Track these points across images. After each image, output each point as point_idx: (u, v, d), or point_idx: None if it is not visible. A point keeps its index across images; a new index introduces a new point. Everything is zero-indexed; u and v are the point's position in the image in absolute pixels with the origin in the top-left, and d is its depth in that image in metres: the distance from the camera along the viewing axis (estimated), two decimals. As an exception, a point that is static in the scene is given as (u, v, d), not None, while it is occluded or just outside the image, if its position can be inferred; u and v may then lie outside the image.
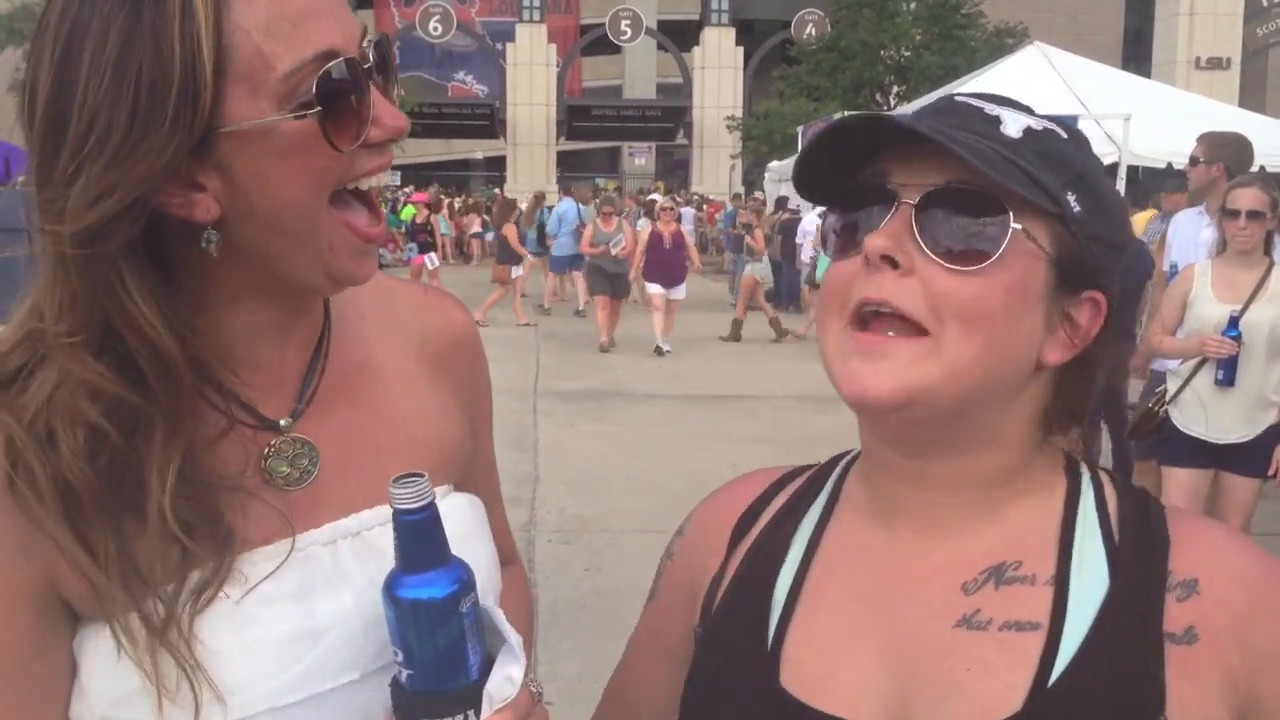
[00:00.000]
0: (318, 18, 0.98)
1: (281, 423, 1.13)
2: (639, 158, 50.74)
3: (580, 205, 18.85)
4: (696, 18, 48.47)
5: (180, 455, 1.02)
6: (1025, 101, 1.06)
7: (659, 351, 14.39)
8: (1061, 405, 1.04)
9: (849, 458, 1.17)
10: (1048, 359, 1.00)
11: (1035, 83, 20.08)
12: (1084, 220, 0.98)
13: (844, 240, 1.02)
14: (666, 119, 46.08)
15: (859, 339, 0.97)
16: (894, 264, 0.95)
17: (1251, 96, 35.18)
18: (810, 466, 1.21)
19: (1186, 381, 5.12)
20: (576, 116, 43.71)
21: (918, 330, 0.95)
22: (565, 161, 46.28)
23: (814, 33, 40.04)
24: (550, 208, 20.41)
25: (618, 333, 15.36)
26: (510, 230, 17.52)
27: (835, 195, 1.04)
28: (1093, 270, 1.00)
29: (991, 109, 1.01)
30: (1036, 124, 1.00)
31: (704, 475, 9.30)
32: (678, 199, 27.11)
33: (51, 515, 1.00)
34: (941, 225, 0.95)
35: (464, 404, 1.30)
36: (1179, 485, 5.07)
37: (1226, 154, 6.01)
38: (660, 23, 48.50)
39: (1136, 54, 44.94)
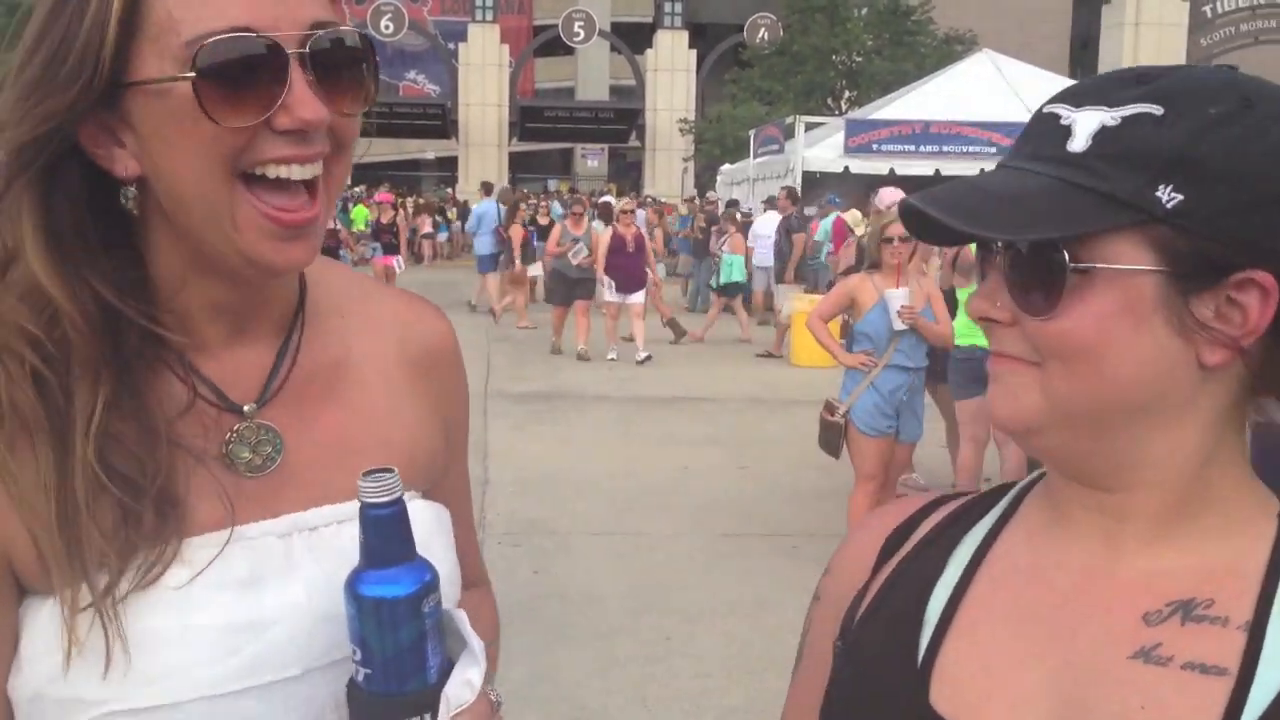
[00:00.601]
0: None
1: (245, 408, 1.12)
2: (592, 160, 50.74)
3: (501, 206, 18.75)
4: (650, 20, 48.49)
5: (103, 402, 1.03)
6: (975, 109, 1.01)
7: (611, 359, 14.15)
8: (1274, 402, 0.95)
9: (1027, 481, 1.09)
10: (1208, 360, 0.89)
11: (984, 89, 20.33)
12: (1193, 209, 0.86)
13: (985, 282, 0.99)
14: (619, 121, 46.02)
15: (989, 361, 0.97)
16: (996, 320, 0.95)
17: (1194, 106, 35.66)
18: (967, 493, 1.14)
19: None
20: (529, 117, 43.55)
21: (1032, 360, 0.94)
22: (518, 163, 46.15)
23: (766, 37, 40.22)
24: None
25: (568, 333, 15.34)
26: (517, 232, 17.19)
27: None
28: (1232, 251, 0.87)
29: (1068, 117, 0.92)
30: (1114, 118, 0.89)
31: (655, 477, 9.37)
32: (631, 199, 27.11)
33: (6, 443, 1.01)
34: (1024, 273, 0.92)
35: (440, 416, 1.28)
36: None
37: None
38: (614, 25, 48.51)
39: (1083, 62, 45.55)
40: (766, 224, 17.21)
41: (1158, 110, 0.88)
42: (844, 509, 6.59)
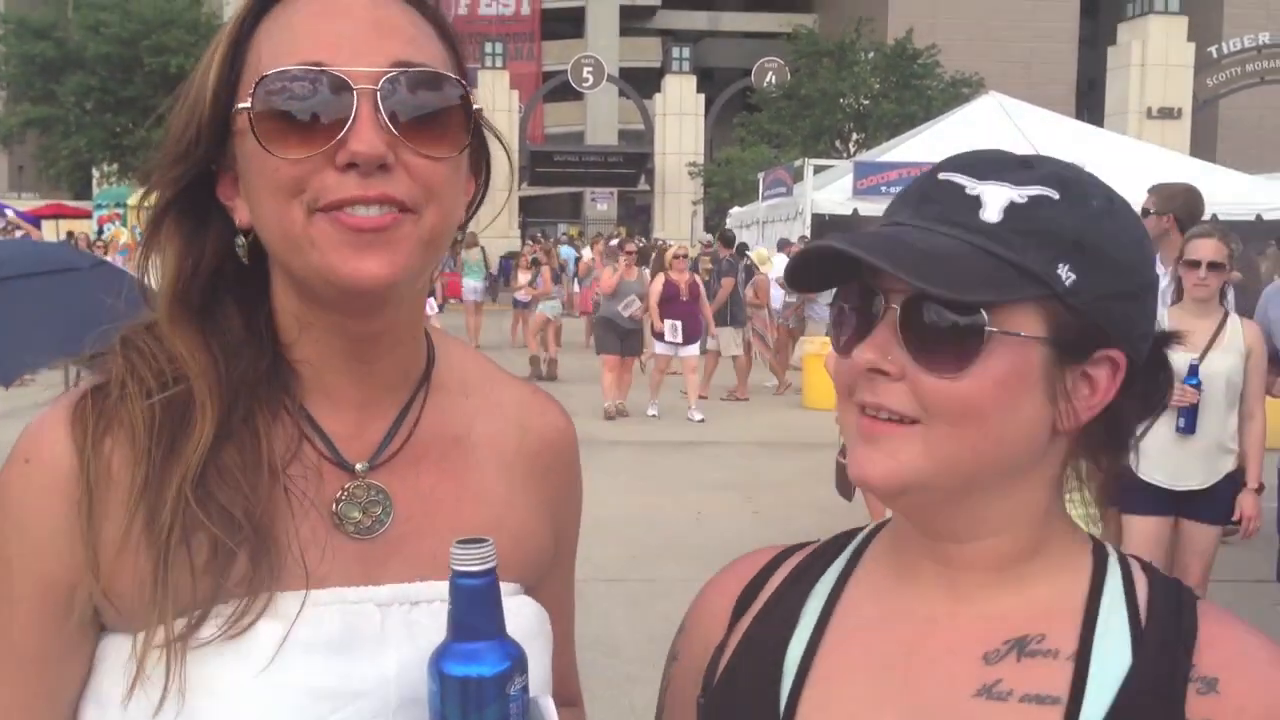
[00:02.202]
0: (320, 34, 1.00)
1: (357, 466, 1.10)
2: (601, 203, 50.95)
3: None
4: (658, 65, 48.90)
5: (213, 430, 1.02)
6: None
7: (652, 415, 13.29)
8: (1092, 462, 1.04)
9: (868, 530, 1.16)
10: (1063, 426, 0.98)
11: (991, 131, 20.40)
12: (1081, 289, 0.95)
13: (845, 335, 1.01)
14: (629, 165, 46.28)
15: (862, 423, 0.99)
16: (883, 373, 0.97)
17: (1203, 146, 35.84)
18: (811, 543, 1.19)
19: (1146, 429, 5.14)
20: (539, 162, 43.80)
21: (913, 418, 0.97)
22: (527, 207, 46.36)
23: (774, 80, 40.53)
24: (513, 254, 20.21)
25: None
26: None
27: (836, 283, 1.02)
28: (1102, 331, 0.97)
29: (973, 188, 0.98)
30: (1021, 196, 0.96)
31: (669, 522, 9.21)
32: (638, 241, 27.14)
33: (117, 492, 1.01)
34: (924, 329, 0.95)
35: (552, 513, 1.24)
36: (1140, 533, 5.09)
37: (1177, 205, 6.09)
38: (622, 70, 48.90)
39: (1089, 104, 45.75)
40: (778, 267, 17.24)
41: (1055, 194, 0.97)
42: (859, 553, 6.54)
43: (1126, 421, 1.03)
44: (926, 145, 20.70)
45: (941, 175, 1.00)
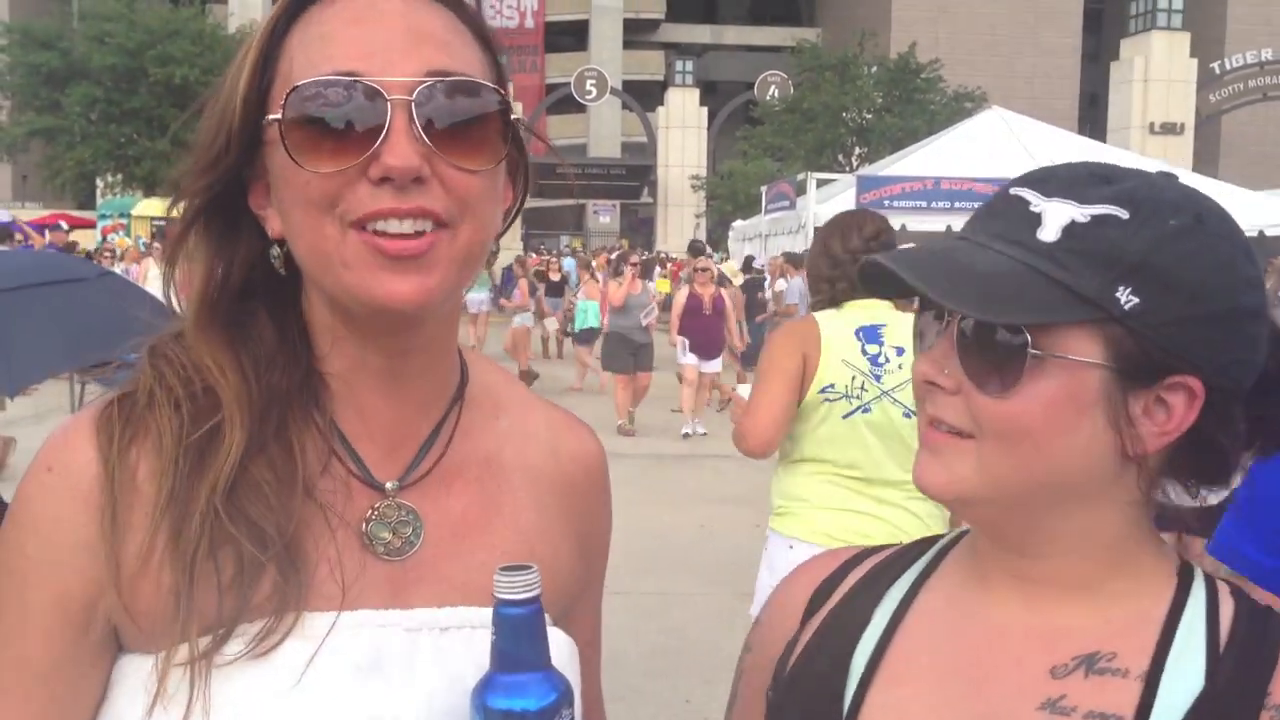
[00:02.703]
0: (353, 42, 0.97)
1: (388, 485, 1.07)
2: (604, 216, 51.01)
3: None
4: (661, 78, 49.06)
5: (243, 442, 0.99)
6: (986, 165, 1.04)
7: (686, 435, 13.13)
8: (1181, 488, 1.01)
9: (951, 536, 1.15)
10: (1131, 451, 0.95)
11: (994, 146, 20.45)
12: (1145, 312, 0.91)
13: (921, 346, 1.03)
14: (631, 177, 46.37)
15: (926, 432, 1.01)
16: (940, 386, 0.98)
17: (1205, 161, 35.90)
18: (890, 545, 1.19)
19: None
20: (541, 174, 43.69)
21: (969, 433, 0.97)
22: (529, 218, 46.44)
23: (776, 94, 40.64)
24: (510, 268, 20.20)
25: (583, 384, 15.28)
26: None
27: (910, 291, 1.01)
28: (1171, 357, 0.93)
29: (1038, 205, 0.95)
30: (1084, 215, 0.93)
31: (673, 535, 9.19)
32: (640, 253, 27.13)
33: (142, 503, 0.98)
34: (975, 347, 0.95)
35: (580, 539, 1.20)
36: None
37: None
38: (625, 83, 49.03)
39: (1092, 118, 45.85)
40: (779, 280, 17.27)
41: (1124, 214, 0.93)
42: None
43: (1218, 449, 0.99)
44: (929, 159, 20.73)
45: (1013, 190, 0.99)
